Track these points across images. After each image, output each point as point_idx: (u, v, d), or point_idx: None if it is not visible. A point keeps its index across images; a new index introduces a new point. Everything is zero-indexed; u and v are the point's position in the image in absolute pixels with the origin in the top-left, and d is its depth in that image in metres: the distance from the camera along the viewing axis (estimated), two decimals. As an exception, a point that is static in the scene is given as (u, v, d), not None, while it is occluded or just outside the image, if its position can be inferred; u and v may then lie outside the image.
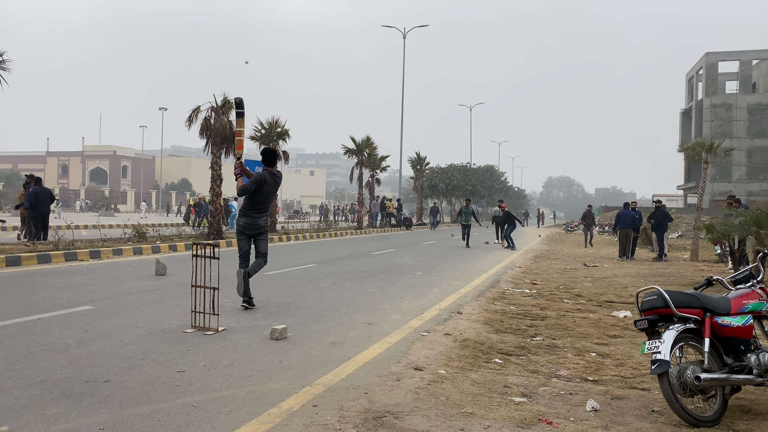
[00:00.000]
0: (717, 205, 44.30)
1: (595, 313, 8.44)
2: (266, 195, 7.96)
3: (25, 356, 5.28)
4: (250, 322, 7.09)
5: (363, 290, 9.99)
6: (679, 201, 64.45)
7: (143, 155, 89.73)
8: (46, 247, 13.75)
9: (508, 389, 4.79)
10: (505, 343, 6.37)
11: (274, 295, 9.15)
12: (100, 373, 4.87)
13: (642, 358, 5.82)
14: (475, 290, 10.42)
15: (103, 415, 3.94)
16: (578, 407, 4.41)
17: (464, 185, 65.20)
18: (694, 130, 56.16)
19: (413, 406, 4.31)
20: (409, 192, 74.64)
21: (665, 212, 19.15)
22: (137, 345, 5.82)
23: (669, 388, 4.07)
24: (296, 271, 12.58)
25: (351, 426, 3.88)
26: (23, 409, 4.00)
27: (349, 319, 7.46)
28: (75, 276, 10.70)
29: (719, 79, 55.92)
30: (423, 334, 6.69)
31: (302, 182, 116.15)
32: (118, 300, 8.20)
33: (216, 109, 20.80)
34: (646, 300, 4.44)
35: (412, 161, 50.13)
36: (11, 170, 72.95)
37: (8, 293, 8.56)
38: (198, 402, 4.26)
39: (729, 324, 4.34)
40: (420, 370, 5.25)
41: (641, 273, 14.12)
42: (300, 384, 4.75)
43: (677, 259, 18.96)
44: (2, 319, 6.73)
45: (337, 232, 29.92)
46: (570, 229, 44.79)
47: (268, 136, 26.06)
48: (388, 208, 40.41)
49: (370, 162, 37.12)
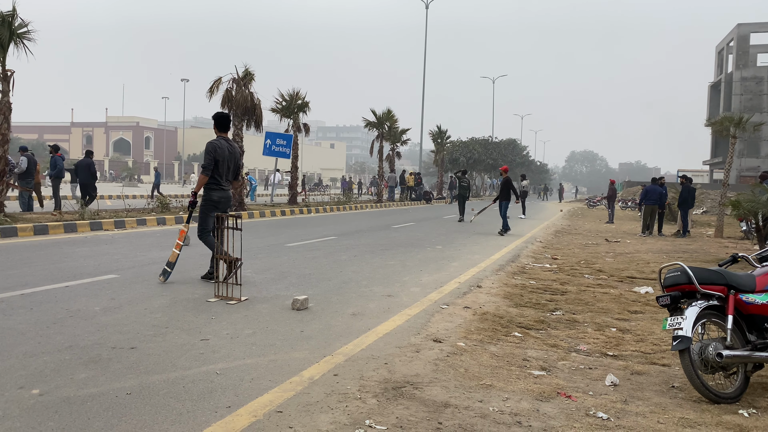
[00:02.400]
0: (744, 181, 43.49)
1: (616, 288, 8.40)
2: (226, 165, 7.59)
3: (54, 322, 5.42)
4: (272, 292, 7.19)
5: (383, 263, 10.04)
6: (705, 176, 63.26)
7: (166, 126, 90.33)
8: (72, 217, 14.00)
9: (527, 362, 4.81)
10: (524, 317, 6.38)
11: (295, 266, 9.24)
12: (127, 340, 4.99)
13: (663, 334, 5.79)
14: (495, 264, 10.41)
15: (129, 381, 4.05)
16: (597, 381, 4.42)
17: (485, 159, 64.65)
18: (723, 104, 54.84)
19: (432, 377, 4.35)
20: (430, 165, 74.17)
21: (690, 188, 18.85)
22: (162, 313, 5.94)
23: (690, 364, 4.05)
24: (317, 243, 12.67)
25: (371, 395, 3.94)
26: (53, 374, 4.13)
27: (369, 291, 7.52)
28: (100, 245, 10.89)
29: (750, 51, 54.29)
30: (442, 307, 6.73)
31: (322, 155, 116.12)
32: (143, 269, 8.35)
33: (237, 81, 20.82)
34: (669, 276, 4.41)
35: (433, 134, 49.72)
36: (37, 140, 73.96)
37: (37, 261, 8.77)
38: (221, 369, 4.35)
39: (754, 301, 4.30)
40: (439, 342, 5.29)
41: (664, 249, 13.97)
42: (321, 353, 4.82)
43: (701, 235, 18.71)
44: (31, 287, 6.91)
45: (357, 205, 29.98)
46: (592, 204, 44.34)
47: (288, 108, 26.03)
48: (408, 181, 40.32)
49: (391, 135, 36.93)
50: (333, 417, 3.57)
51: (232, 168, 7.71)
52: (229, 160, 7.61)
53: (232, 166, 7.68)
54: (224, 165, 7.57)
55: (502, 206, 17.32)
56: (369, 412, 3.66)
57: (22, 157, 15.71)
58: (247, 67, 21.00)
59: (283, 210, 22.21)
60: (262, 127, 22.30)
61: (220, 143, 7.56)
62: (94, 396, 3.76)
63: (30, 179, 16.09)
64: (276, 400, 3.80)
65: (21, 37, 13.60)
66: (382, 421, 3.54)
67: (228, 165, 7.62)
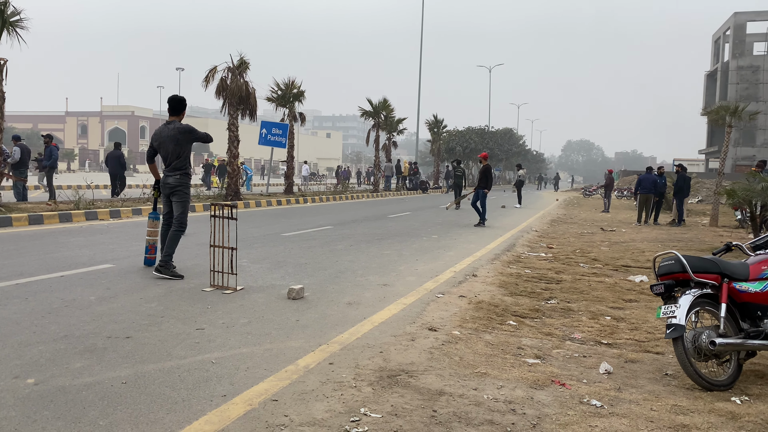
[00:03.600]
0: (740, 170, 43.56)
1: (611, 277, 8.43)
2: (165, 149, 7.22)
3: (49, 312, 5.42)
4: (268, 282, 7.19)
5: (379, 252, 10.05)
6: (701, 166, 63.37)
7: (161, 116, 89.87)
8: (67, 207, 13.95)
9: (522, 351, 4.84)
10: (519, 305, 6.41)
11: (291, 256, 9.24)
12: (122, 329, 4.99)
13: (657, 323, 5.82)
14: (491, 253, 10.43)
15: (125, 370, 4.05)
16: (591, 369, 4.45)
17: (482, 148, 64.56)
18: (719, 93, 54.86)
19: (427, 365, 4.37)
20: (426, 155, 74.12)
21: (686, 177, 18.89)
22: (157, 303, 5.94)
23: (683, 352, 4.08)
24: (313, 232, 12.66)
25: (366, 384, 3.95)
26: (48, 363, 4.13)
27: (364, 281, 7.53)
28: (96, 235, 10.87)
29: (747, 40, 54.28)
30: (438, 296, 6.74)
31: (319, 144, 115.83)
32: (138, 259, 8.34)
33: (232, 70, 20.69)
34: (664, 265, 4.42)
35: (429, 124, 49.61)
36: (31, 130, 73.54)
37: (32, 251, 8.74)
38: (217, 358, 4.36)
39: (747, 289, 4.32)
40: (434, 330, 5.30)
41: (659, 238, 14.02)
42: (316, 342, 4.83)
43: (696, 224, 18.77)
44: (26, 276, 6.89)
45: (354, 194, 29.96)
46: (588, 193, 44.43)
47: (283, 98, 25.92)
48: (404, 170, 40.29)
49: (387, 125, 36.85)
50: (328, 405, 3.59)
51: (174, 152, 7.22)
52: (166, 146, 7.21)
53: (171, 151, 7.20)
54: (163, 150, 7.26)
55: (480, 195, 15.71)
56: (364, 400, 3.68)
57: (15, 147, 15.62)
58: (242, 56, 20.87)
59: (279, 200, 22.19)
60: (256, 116, 22.21)
61: (158, 130, 7.33)
62: (89, 385, 3.76)
63: (24, 169, 16.02)
64: (271, 388, 3.81)
65: (14, 25, 13.49)
66: (377, 409, 3.55)
67: (166, 150, 7.22)
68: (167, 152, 7.25)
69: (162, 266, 7.14)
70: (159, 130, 7.34)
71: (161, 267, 7.14)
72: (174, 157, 7.26)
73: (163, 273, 7.11)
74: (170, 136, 7.21)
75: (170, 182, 7.29)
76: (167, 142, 7.22)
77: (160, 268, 7.14)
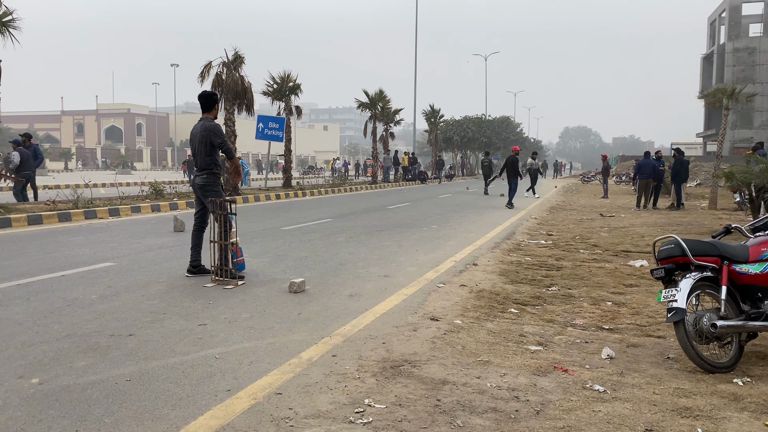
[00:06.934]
0: (738, 152, 43.52)
1: (611, 262, 8.44)
2: (194, 147, 7.09)
3: (51, 312, 5.43)
4: (269, 276, 7.20)
5: (379, 244, 10.06)
6: (698, 149, 63.29)
7: (157, 113, 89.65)
8: (65, 206, 13.93)
9: (524, 338, 4.85)
10: (520, 293, 6.42)
11: (291, 249, 9.25)
12: (125, 327, 5.00)
13: (658, 307, 5.84)
14: (491, 242, 10.44)
15: (128, 367, 4.07)
16: (594, 355, 4.47)
17: (479, 137, 64.42)
18: (716, 75, 54.67)
19: (430, 355, 4.38)
20: (424, 145, 73.92)
21: (683, 161, 18.87)
22: (159, 299, 5.95)
23: (685, 335, 4.09)
24: (313, 225, 12.66)
25: (369, 374, 3.97)
26: (52, 362, 4.14)
27: (365, 272, 7.54)
28: (95, 233, 10.87)
29: (743, 22, 54.02)
30: (439, 286, 6.75)
31: (316, 137, 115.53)
32: (139, 256, 8.34)
33: (227, 64, 20.61)
34: (663, 249, 4.43)
35: (426, 114, 49.46)
36: (28, 130, 73.33)
37: (32, 251, 8.74)
38: (220, 354, 4.37)
39: (747, 271, 4.33)
40: (436, 320, 5.32)
41: (658, 222, 14.03)
42: (319, 335, 4.84)
43: (695, 207, 18.78)
44: (28, 276, 6.90)
45: (352, 187, 29.93)
46: (587, 179, 44.42)
47: (279, 91, 25.83)
48: (402, 161, 40.23)
49: (384, 116, 36.74)
50: (332, 397, 3.60)
51: (198, 150, 7.04)
52: (195, 146, 7.08)
53: (198, 149, 7.03)
54: (193, 149, 7.16)
55: (514, 184, 19.37)
56: (368, 391, 3.69)
57: (14, 152, 15.55)
58: (237, 50, 20.78)
59: (278, 194, 22.16)
60: (253, 110, 22.14)
61: (193, 129, 7.15)
62: (93, 383, 3.77)
63: (26, 171, 15.97)
64: (275, 382, 3.82)
65: (6, 25, 13.41)
66: (381, 399, 3.57)
67: (195, 149, 7.10)
68: (196, 150, 7.07)
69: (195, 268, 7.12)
70: (193, 128, 7.16)
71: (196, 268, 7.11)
72: (202, 156, 7.03)
73: (198, 272, 7.09)
74: (198, 134, 7.03)
75: (198, 182, 7.11)
76: (195, 139, 7.06)
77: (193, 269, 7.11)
